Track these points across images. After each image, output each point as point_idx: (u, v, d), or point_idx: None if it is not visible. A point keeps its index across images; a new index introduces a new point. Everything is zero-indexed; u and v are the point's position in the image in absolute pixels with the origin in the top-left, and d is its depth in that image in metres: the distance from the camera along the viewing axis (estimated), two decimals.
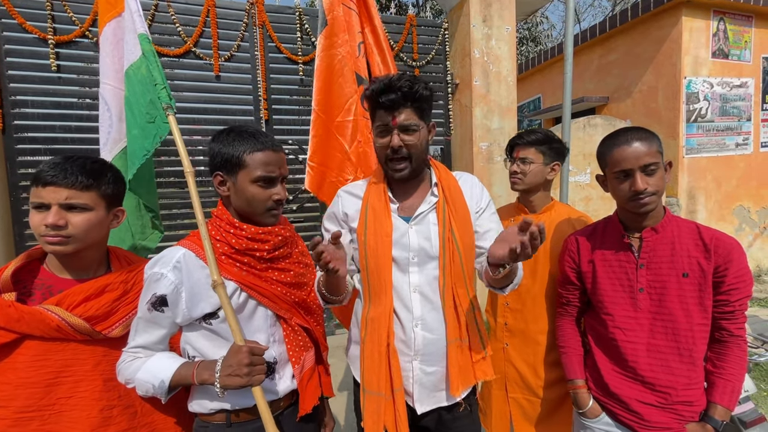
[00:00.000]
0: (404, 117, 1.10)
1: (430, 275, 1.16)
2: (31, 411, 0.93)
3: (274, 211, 1.06)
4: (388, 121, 1.10)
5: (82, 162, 1.00)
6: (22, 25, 2.52)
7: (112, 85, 1.48)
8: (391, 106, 1.09)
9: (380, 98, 1.09)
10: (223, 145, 1.02)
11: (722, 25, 5.11)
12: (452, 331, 1.15)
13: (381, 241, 1.14)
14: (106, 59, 1.49)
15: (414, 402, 1.16)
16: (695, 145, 5.10)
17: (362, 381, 1.17)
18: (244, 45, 3.05)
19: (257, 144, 1.02)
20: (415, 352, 1.15)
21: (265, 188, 1.03)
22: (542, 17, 14.50)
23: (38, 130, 2.63)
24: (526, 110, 8.28)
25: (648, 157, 1.12)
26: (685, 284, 1.14)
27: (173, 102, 1.31)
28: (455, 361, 1.14)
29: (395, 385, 1.11)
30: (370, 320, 1.15)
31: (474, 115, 3.31)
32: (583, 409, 1.28)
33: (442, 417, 1.19)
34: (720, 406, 1.12)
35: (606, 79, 6.01)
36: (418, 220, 1.18)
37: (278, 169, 1.04)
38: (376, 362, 1.12)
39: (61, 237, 0.97)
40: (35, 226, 0.97)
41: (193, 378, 0.98)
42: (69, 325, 0.95)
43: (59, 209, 0.96)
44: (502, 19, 3.32)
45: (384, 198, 1.19)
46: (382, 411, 1.11)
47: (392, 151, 1.12)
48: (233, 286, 1.03)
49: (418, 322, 1.14)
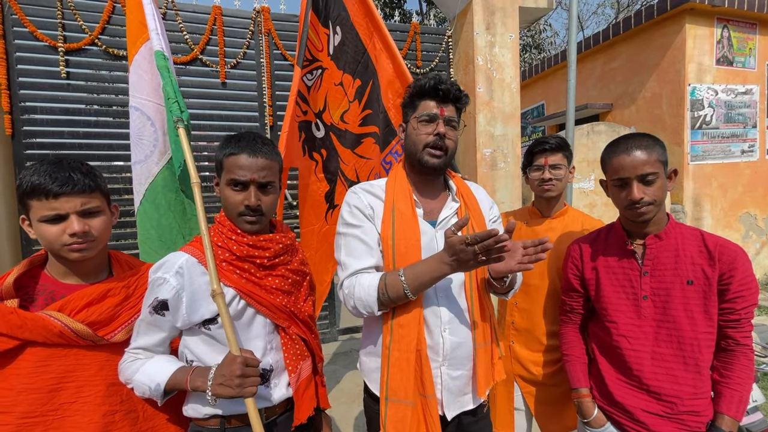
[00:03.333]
0: (450, 112, 1.18)
1: (457, 279, 1.16)
2: (35, 416, 0.93)
3: (247, 217, 1.03)
4: (437, 112, 1.16)
5: (77, 166, 0.99)
6: (33, 33, 2.57)
7: (154, 102, 1.56)
8: (443, 98, 1.16)
9: (438, 86, 1.15)
10: (218, 149, 1.06)
11: (726, 32, 5.11)
12: (480, 334, 1.15)
13: (411, 245, 1.12)
14: (145, 77, 1.56)
15: (443, 409, 1.14)
16: (700, 152, 5.08)
17: (385, 389, 1.12)
18: (250, 52, 3.09)
19: (235, 147, 1.03)
20: (443, 357, 1.13)
21: (237, 192, 1.02)
22: (545, 25, 14.57)
23: (47, 136, 2.67)
24: (529, 117, 8.29)
25: (646, 166, 1.11)
26: (690, 292, 1.13)
27: (185, 115, 1.34)
28: (482, 363, 1.15)
29: (427, 391, 1.09)
30: (396, 326, 1.12)
31: (477, 122, 3.32)
32: (587, 418, 1.27)
33: (462, 421, 1.18)
34: (727, 417, 1.10)
35: (609, 86, 6.01)
36: (443, 225, 1.19)
37: (250, 174, 1.01)
38: (405, 369, 1.10)
39: (87, 243, 0.98)
40: (54, 237, 0.95)
41: (186, 384, 0.98)
42: (72, 331, 0.95)
43: (78, 217, 0.97)
44: (505, 26, 3.34)
45: (410, 201, 1.18)
46: (408, 420, 1.08)
47: (438, 137, 1.15)
48: (232, 293, 1.03)
49: (446, 326, 1.14)
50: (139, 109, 1.57)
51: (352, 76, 1.97)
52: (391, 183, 1.22)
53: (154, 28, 1.47)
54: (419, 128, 1.17)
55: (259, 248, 1.05)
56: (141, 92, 1.57)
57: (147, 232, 1.54)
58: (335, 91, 1.96)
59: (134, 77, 1.58)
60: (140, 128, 1.56)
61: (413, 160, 1.20)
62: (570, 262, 1.37)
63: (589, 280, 1.30)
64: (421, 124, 1.17)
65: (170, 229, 1.55)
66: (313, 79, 1.90)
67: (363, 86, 1.99)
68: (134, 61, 1.58)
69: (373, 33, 1.93)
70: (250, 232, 1.05)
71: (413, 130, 1.19)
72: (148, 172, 1.56)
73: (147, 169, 1.56)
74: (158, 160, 1.56)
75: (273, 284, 1.08)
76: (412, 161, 1.21)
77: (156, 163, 1.56)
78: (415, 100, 1.20)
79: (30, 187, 0.93)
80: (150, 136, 1.56)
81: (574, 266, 1.35)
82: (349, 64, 1.96)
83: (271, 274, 1.08)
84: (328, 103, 1.95)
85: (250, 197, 1.01)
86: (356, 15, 1.92)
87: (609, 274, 1.25)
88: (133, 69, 1.58)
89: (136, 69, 1.57)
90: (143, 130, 1.56)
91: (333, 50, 1.93)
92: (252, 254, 1.04)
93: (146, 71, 1.56)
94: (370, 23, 1.93)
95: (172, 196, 1.56)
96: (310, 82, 1.90)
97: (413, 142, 1.19)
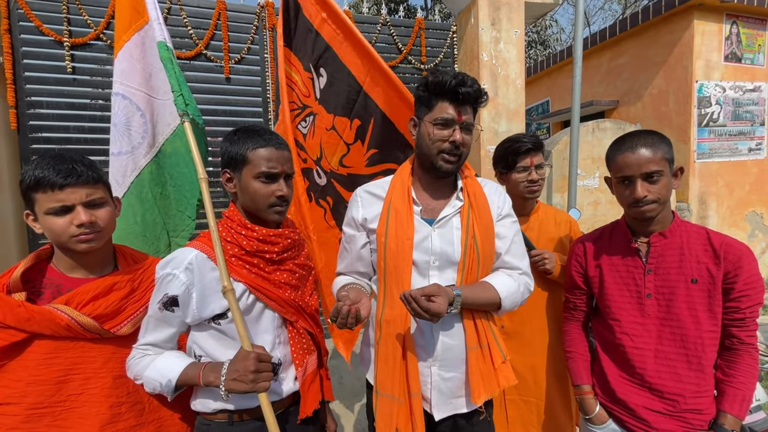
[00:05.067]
0: (468, 116, 1.13)
1: (450, 280, 1.15)
2: (43, 407, 0.94)
3: (277, 207, 1.06)
4: (454, 116, 1.11)
5: (78, 159, 1.01)
6: (39, 27, 2.57)
7: (145, 92, 1.52)
8: (463, 101, 1.11)
9: (459, 90, 1.08)
10: (231, 144, 1.06)
11: (735, 28, 5.04)
12: (471, 338, 1.13)
13: (402, 244, 1.12)
14: (137, 66, 1.52)
15: (432, 408, 1.14)
16: (707, 150, 5.03)
17: (375, 382, 1.15)
18: (254, 47, 3.08)
19: (260, 141, 1.04)
20: (434, 357, 1.13)
21: (268, 184, 1.04)
22: (551, 21, 14.43)
23: (52, 131, 2.68)
24: (534, 114, 8.24)
25: (651, 164, 1.11)
26: (694, 290, 1.12)
27: (190, 108, 1.32)
28: (476, 368, 1.12)
29: (413, 389, 1.10)
30: (385, 322, 1.14)
31: (481, 119, 3.30)
32: (589, 415, 1.27)
33: (457, 423, 1.17)
34: (730, 415, 1.10)
35: (616, 83, 5.95)
36: (441, 224, 1.17)
37: (280, 166, 1.05)
38: (391, 365, 1.11)
39: (95, 233, 1.00)
40: (61, 229, 0.96)
41: (198, 379, 0.99)
42: (78, 324, 0.96)
43: (84, 207, 0.98)
44: (510, 22, 3.31)
45: (407, 199, 1.17)
46: (394, 414, 1.10)
47: (453, 146, 1.11)
48: (242, 288, 1.04)
49: (437, 327, 1.13)
50: (128, 98, 1.52)
51: (348, 117, 1.82)
52: (394, 180, 1.22)
53: (155, 18, 1.43)
54: (434, 133, 1.12)
55: (269, 243, 1.06)
56: (132, 81, 1.52)
57: (130, 227, 1.49)
58: (328, 136, 1.83)
59: (124, 65, 1.52)
60: (128, 118, 1.52)
61: (425, 162, 1.18)
62: (573, 259, 1.37)
63: (593, 278, 1.30)
64: (437, 128, 1.12)
65: (155, 225, 1.52)
66: (307, 126, 1.82)
67: (364, 126, 1.82)
68: (125, 48, 1.52)
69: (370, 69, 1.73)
70: (278, 223, 1.08)
71: (427, 133, 1.14)
72: (135, 164, 1.52)
73: (134, 161, 1.52)
74: (146, 152, 1.52)
75: (281, 279, 1.09)
76: (424, 162, 1.18)
77: (144, 156, 1.52)
78: (432, 99, 1.13)
79: (34, 180, 0.94)
80: (139, 128, 1.52)
81: (577, 264, 1.35)
82: (342, 106, 1.80)
83: (279, 269, 1.09)
84: (323, 149, 1.83)
85: (283, 188, 1.05)
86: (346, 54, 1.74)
87: (613, 272, 1.25)
88: (123, 56, 1.52)
89: (127, 57, 1.52)
90: (132, 120, 1.52)
91: (320, 94, 1.81)
92: (261, 249, 1.05)
93: (138, 60, 1.51)
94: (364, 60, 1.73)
95: (158, 191, 1.53)
96: (305, 130, 1.82)
97: (426, 146, 1.15)
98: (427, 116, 1.15)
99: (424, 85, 1.15)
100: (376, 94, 1.77)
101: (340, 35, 1.72)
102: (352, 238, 1.25)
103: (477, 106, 1.16)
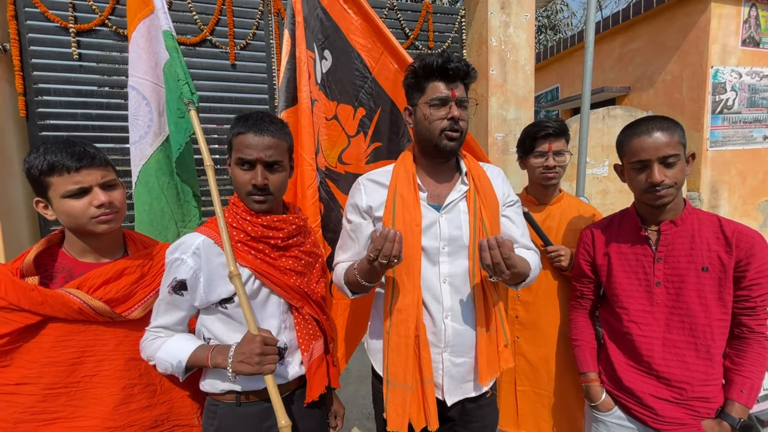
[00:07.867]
0: (461, 91, 1.13)
1: (462, 265, 1.15)
2: (58, 388, 0.97)
3: (255, 196, 1.04)
4: (448, 94, 1.11)
5: (86, 143, 1.02)
6: (45, 13, 2.56)
7: (151, 81, 1.52)
8: (452, 77, 1.11)
9: (447, 66, 1.09)
10: (229, 130, 1.07)
11: (754, 11, 4.87)
12: (482, 322, 1.14)
13: (410, 230, 1.12)
14: (142, 55, 1.51)
15: (444, 394, 1.15)
16: (720, 138, 4.92)
17: (386, 373, 1.15)
18: (259, 33, 3.05)
19: (242, 127, 1.03)
20: (445, 343, 1.14)
21: (246, 171, 1.03)
22: (562, 5, 14.08)
23: (60, 118, 2.69)
24: (543, 100, 8.10)
25: (668, 148, 1.09)
26: (705, 278, 1.11)
27: (195, 97, 1.32)
28: (484, 352, 1.14)
29: (425, 376, 1.10)
30: (395, 311, 1.13)
31: (490, 105, 3.25)
32: (595, 402, 1.28)
33: (465, 407, 1.19)
34: (737, 404, 1.10)
35: (628, 69, 5.82)
36: (448, 209, 1.17)
37: (256, 153, 1.02)
38: (403, 354, 1.11)
39: (113, 213, 1.02)
40: (81, 211, 0.97)
41: (207, 361, 1.01)
42: (90, 308, 0.98)
43: (101, 189, 0.99)
44: (520, 6, 3.23)
45: (413, 186, 1.16)
46: (407, 403, 1.10)
47: (453, 122, 1.11)
48: (247, 273, 1.05)
49: (448, 313, 1.14)
50: (136, 88, 1.52)
51: (353, 105, 1.68)
52: (397, 168, 1.22)
53: (161, 6, 1.43)
54: (432, 113, 1.12)
55: (273, 229, 1.07)
56: (138, 71, 1.52)
57: (139, 215, 1.51)
58: (328, 128, 1.67)
59: (132, 55, 1.53)
60: (136, 108, 1.52)
61: (428, 146, 1.17)
62: (582, 247, 1.36)
63: (601, 266, 1.29)
64: (433, 108, 1.13)
65: (162, 214, 1.52)
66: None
67: (369, 115, 1.70)
68: (132, 39, 1.53)
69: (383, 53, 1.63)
70: (259, 212, 1.06)
71: (424, 116, 1.14)
72: (142, 153, 1.52)
73: (141, 150, 1.52)
74: (152, 141, 1.53)
75: (287, 265, 1.09)
76: (426, 147, 1.18)
77: (150, 145, 1.52)
78: (422, 82, 1.14)
79: (47, 165, 0.95)
80: (145, 116, 1.52)
81: (585, 252, 1.34)
82: (346, 93, 1.68)
83: (285, 255, 1.10)
84: (320, 142, 1.64)
85: (257, 176, 1.02)
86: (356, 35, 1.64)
87: (621, 260, 1.24)
88: (131, 47, 1.53)
89: (134, 47, 1.52)
90: (138, 110, 1.52)
91: (321, 78, 1.65)
92: (266, 235, 1.06)
93: (143, 49, 1.51)
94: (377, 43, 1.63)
95: (166, 180, 1.53)
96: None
97: (427, 129, 1.14)
98: (421, 100, 1.15)
99: (412, 72, 1.17)
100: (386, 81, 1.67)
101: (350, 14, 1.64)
102: (359, 227, 1.23)
103: (468, 81, 1.16)
